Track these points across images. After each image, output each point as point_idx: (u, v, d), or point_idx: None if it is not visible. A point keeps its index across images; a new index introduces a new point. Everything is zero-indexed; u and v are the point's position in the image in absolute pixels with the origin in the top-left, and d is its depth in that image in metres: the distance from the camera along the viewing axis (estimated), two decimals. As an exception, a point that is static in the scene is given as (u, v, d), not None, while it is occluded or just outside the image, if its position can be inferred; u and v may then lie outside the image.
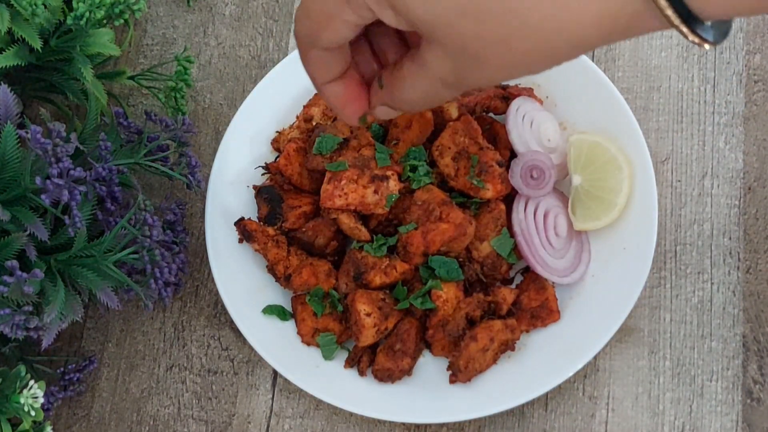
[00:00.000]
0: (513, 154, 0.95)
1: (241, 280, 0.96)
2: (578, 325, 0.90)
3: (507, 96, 0.96)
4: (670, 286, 0.95)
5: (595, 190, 0.93)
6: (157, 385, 0.97)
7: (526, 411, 0.92)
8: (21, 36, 0.87)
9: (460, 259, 0.91)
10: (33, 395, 0.80)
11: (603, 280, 0.92)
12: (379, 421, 0.93)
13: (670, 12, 0.46)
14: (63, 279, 0.83)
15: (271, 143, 1.01)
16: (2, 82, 0.83)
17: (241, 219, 0.95)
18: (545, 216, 0.93)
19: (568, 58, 0.52)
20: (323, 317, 0.92)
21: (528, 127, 0.95)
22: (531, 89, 0.98)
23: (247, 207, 0.98)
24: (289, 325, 0.94)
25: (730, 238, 0.96)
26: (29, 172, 0.80)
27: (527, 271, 0.93)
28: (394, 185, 0.91)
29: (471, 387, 0.90)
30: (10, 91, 0.83)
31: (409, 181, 0.93)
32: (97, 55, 0.94)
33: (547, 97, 0.98)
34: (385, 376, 0.91)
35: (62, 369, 0.94)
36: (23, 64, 0.89)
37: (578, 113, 0.97)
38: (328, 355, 0.93)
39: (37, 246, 0.81)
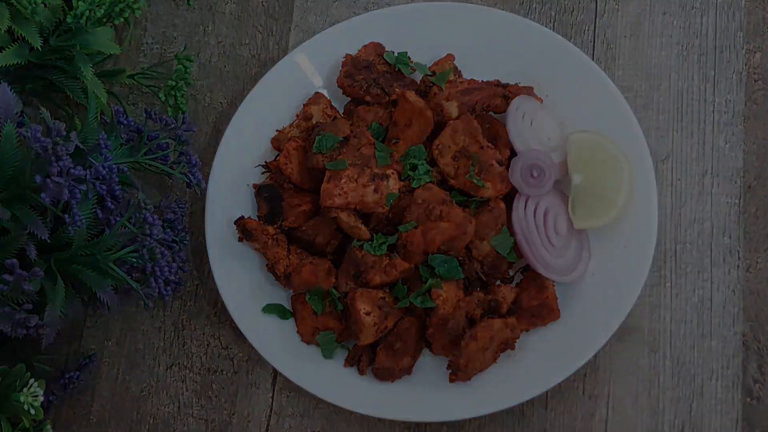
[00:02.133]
0: (513, 153, 0.95)
1: (241, 278, 0.96)
2: (578, 324, 0.90)
3: (507, 95, 0.96)
4: (670, 284, 0.95)
5: (595, 188, 0.93)
6: (157, 384, 0.97)
7: (526, 410, 0.92)
8: (21, 34, 0.87)
9: (460, 258, 0.91)
10: (33, 394, 0.80)
11: (603, 279, 0.92)
12: (379, 419, 0.93)
13: None
14: (63, 278, 0.83)
15: (271, 142, 1.00)
16: (2, 81, 0.83)
17: (241, 217, 0.95)
18: (545, 215, 0.93)
19: None
20: (323, 316, 0.92)
21: (528, 125, 0.95)
22: (531, 88, 0.98)
23: (247, 206, 0.98)
24: (289, 324, 0.94)
25: (730, 237, 0.96)
26: (29, 170, 0.80)
27: (527, 269, 0.93)
28: (394, 184, 0.91)
29: (471, 386, 0.90)
30: (10, 90, 0.83)
31: (409, 180, 0.93)
32: (97, 54, 0.94)
33: (547, 95, 0.98)
34: (385, 375, 0.91)
35: (62, 368, 0.94)
36: (23, 63, 0.89)
37: (578, 112, 0.97)
38: (327, 354, 0.93)
39: (37, 245, 0.81)
